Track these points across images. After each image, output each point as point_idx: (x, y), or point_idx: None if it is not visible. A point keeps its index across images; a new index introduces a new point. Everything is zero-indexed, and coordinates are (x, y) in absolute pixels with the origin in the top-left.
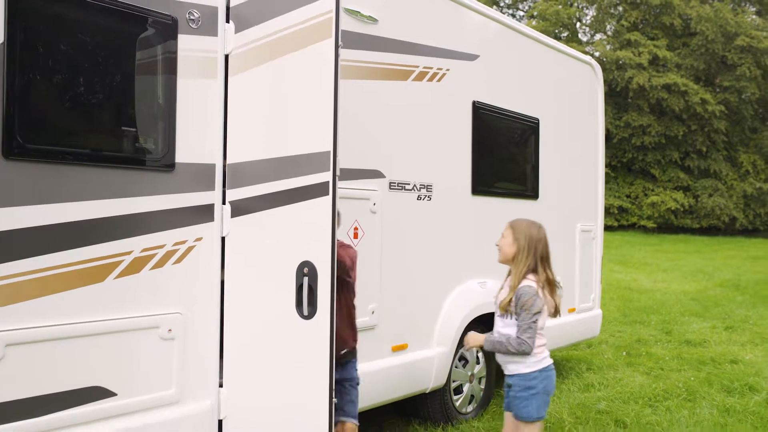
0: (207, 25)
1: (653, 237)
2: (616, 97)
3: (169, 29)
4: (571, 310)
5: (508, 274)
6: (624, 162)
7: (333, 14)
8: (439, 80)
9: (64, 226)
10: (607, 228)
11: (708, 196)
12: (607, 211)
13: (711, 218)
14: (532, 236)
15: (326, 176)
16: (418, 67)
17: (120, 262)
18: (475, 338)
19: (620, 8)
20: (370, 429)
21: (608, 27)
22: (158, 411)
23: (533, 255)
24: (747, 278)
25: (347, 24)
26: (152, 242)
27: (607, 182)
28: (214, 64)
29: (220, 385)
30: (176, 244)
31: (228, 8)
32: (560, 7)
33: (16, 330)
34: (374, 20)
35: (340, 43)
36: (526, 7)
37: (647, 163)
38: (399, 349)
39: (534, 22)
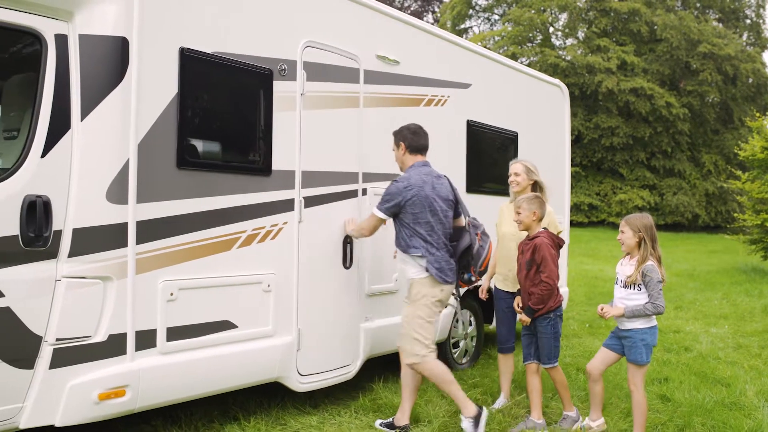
0: (290, 73)
1: None
2: (587, 100)
3: (268, 78)
4: None
5: (626, 254)
6: (594, 161)
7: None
8: (442, 105)
9: (211, 212)
10: (578, 224)
11: (672, 194)
12: (578, 208)
13: (675, 215)
14: (646, 225)
15: (357, 186)
16: (426, 95)
17: (239, 237)
18: (616, 309)
19: (591, 14)
20: (389, 373)
21: (579, 33)
22: (261, 341)
23: (651, 239)
24: (701, 269)
25: (379, 66)
26: (259, 224)
27: (578, 181)
28: (294, 100)
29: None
30: (272, 225)
31: (303, 61)
32: (533, 13)
33: (184, 279)
34: (397, 62)
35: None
36: (501, 12)
37: (616, 163)
38: None
39: (509, 27)
